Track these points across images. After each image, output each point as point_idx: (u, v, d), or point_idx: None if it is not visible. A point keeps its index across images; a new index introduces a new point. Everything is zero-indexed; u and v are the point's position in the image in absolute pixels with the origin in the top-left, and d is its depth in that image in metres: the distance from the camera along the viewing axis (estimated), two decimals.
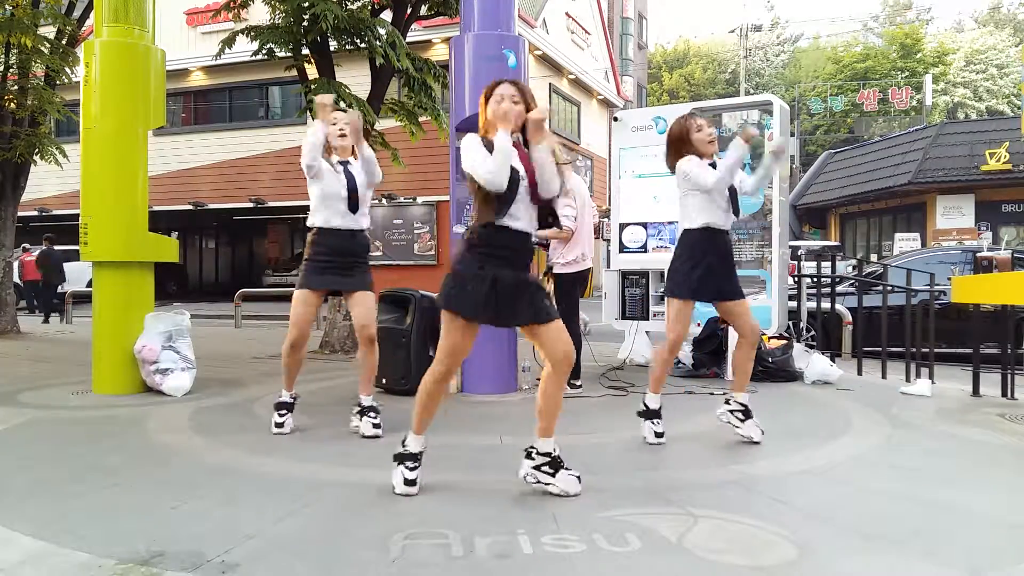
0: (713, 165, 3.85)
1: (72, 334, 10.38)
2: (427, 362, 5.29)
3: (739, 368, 4.00)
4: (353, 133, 4.11)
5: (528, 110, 2.95)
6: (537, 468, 3.05)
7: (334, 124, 4.05)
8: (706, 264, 3.82)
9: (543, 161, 2.97)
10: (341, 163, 4.07)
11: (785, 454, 3.69)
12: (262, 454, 3.66)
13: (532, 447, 3.09)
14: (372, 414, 4.06)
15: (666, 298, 3.99)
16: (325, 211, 4.01)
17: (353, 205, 4.02)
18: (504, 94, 2.95)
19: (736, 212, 3.96)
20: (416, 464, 3.05)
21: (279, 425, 4.13)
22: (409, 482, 3.01)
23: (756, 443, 3.82)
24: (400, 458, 3.06)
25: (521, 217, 2.98)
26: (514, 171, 2.90)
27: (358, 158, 4.15)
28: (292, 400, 4.20)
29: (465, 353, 3.08)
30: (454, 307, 2.94)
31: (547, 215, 3.15)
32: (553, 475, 3.02)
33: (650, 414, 3.90)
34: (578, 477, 3.05)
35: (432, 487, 3.15)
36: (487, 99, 3.01)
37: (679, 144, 3.92)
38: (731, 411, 3.96)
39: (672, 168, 3.99)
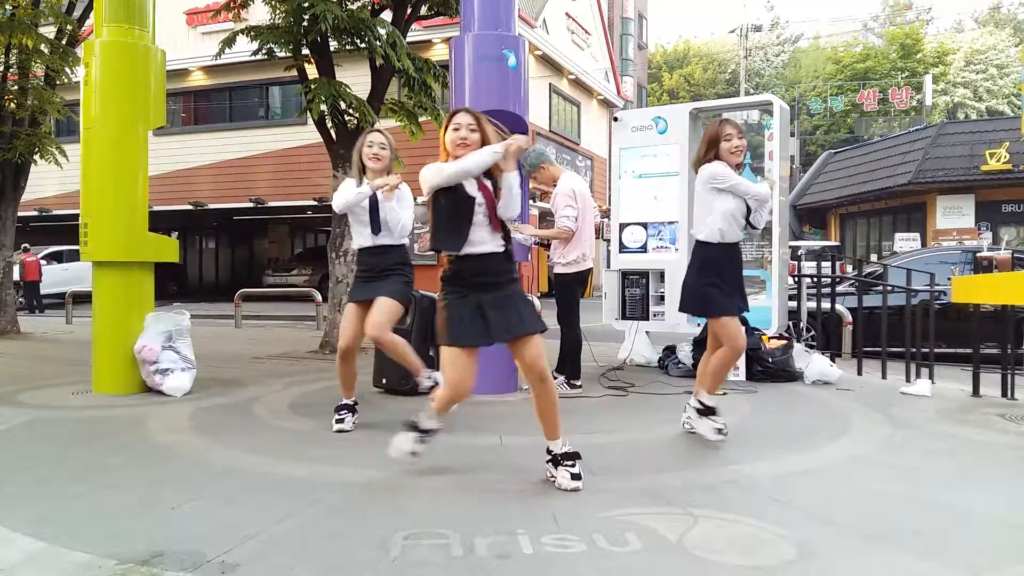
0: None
1: (72, 334, 10.38)
2: (427, 362, 5.33)
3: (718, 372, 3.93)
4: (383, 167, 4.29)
5: (484, 138, 3.08)
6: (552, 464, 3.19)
7: (370, 146, 4.17)
8: (730, 277, 3.90)
9: (512, 185, 3.07)
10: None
11: (785, 454, 3.69)
12: (262, 454, 3.66)
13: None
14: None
15: (715, 318, 3.92)
16: (356, 235, 4.30)
17: (376, 228, 4.18)
18: (461, 123, 3.09)
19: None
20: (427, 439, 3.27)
21: (339, 421, 4.22)
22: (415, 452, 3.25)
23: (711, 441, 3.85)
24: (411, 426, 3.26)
25: (485, 241, 3.08)
26: (468, 199, 3.03)
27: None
28: (352, 404, 4.30)
29: (472, 378, 3.13)
30: (457, 342, 3.05)
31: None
32: (556, 469, 3.15)
33: (709, 411, 3.91)
34: (575, 475, 3.08)
35: (432, 487, 3.15)
36: (446, 127, 3.14)
37: (710, 146, 3.85)
38: (696, 409, 3.99)
39: (696, 168, 3.93)
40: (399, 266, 4.32)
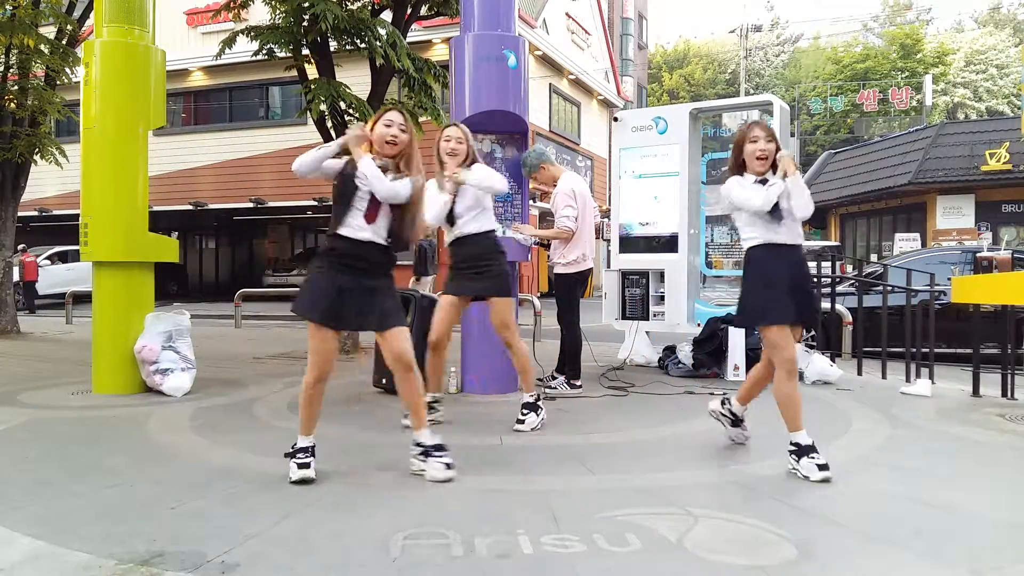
0: (764, 182, 3.45)
1: (72, 334, 10.38)
2: (422, 363, 5.33)
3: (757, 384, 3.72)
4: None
5: (411, 139, 3.30)
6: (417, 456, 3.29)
7: (447, 140, 4.13)
8: (780, 281, 3.44)
9: (369, 173, 3.19)
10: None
11: (785, 454, 3.68)
12: (262, 454, 3.66)
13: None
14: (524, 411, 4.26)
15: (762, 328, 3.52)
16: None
17: (451, 219, 4.16)
18: (393, 121, 3.27)
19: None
20: (308, 455, 3.24)
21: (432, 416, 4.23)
22: (302, 465, 3.20)
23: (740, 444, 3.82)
24: (291, 455, 3.26)
25: (364, 228, 3.19)
26: (351, 183, 3.18)
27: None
28: (433, 400, 4.27)
29: (329, 356, 3.24)
30: (299, 311, 3.22)
31: (400, 222, 3.27)
32: (424, 461, 3.25)
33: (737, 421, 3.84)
34: (448, 464, 3.23)
35: (432, 487, 3.15)
36: (376, 121, 3.29)
37: (736, 152, 3.56)
38: (722, 414, 3.91)
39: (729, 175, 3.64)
40: (497, 256, 4.32)
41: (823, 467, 3.23)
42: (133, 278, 5.47)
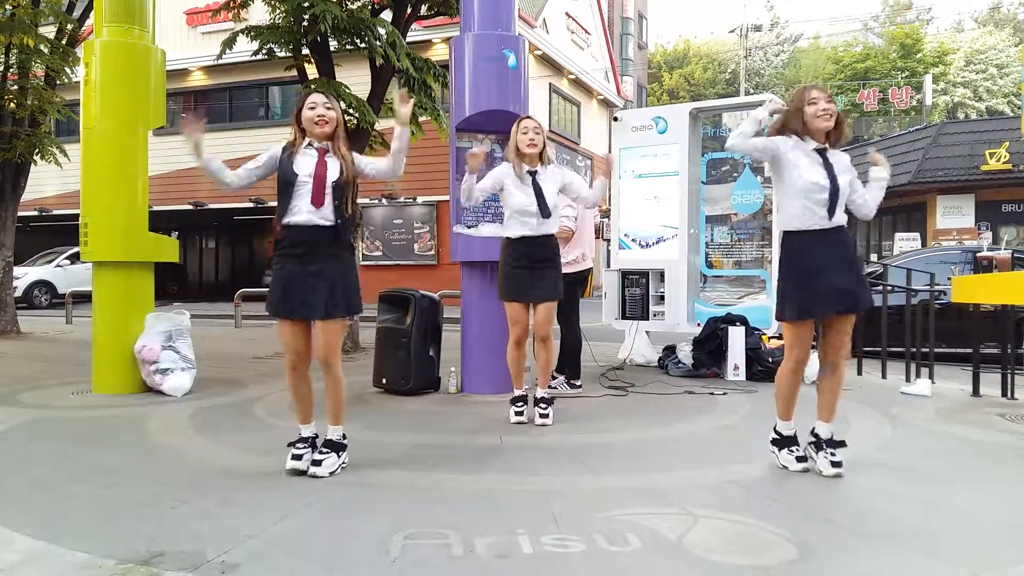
0: (823, 152, 3.28)
1: (72, 334, 10.38)
2: (427, 362, 5.35)
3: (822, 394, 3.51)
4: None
5: (337, 116, 3.37)
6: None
7: (525, 132, 4.32)
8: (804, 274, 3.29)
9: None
10: (530, 173, 4.33)
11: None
12: (262, 454, 3.66)
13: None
14: (543, 405, 4.40)
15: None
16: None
17: (545, 212, 4.32)
18: (317, 102, 3.34)
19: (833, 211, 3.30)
20: (303, 447, 3.37)
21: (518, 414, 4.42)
22: (294, 456, 3.33)
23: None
24: (292, 445, 3.38)
25: (302, 211, 3.26)
26: (289, 173, 3.28)
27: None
28: (523, 393, 4.47)
29: (293, 346, 3.34)
30: (271, 312, 3.35)
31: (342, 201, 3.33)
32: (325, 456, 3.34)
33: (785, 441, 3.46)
34: (342, 465, 3.35)
35: (432, 487, 3.15)
36: (299, 111, 3.37)
37: (792, 117, 3.34)
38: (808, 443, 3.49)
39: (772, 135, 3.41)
40: (555, 256, 4.51)
41: (802, 459, 3.33)
42: (133, 278, 5.47)
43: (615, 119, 7.17)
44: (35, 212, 21.19)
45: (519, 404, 4.43)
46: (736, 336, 5.99)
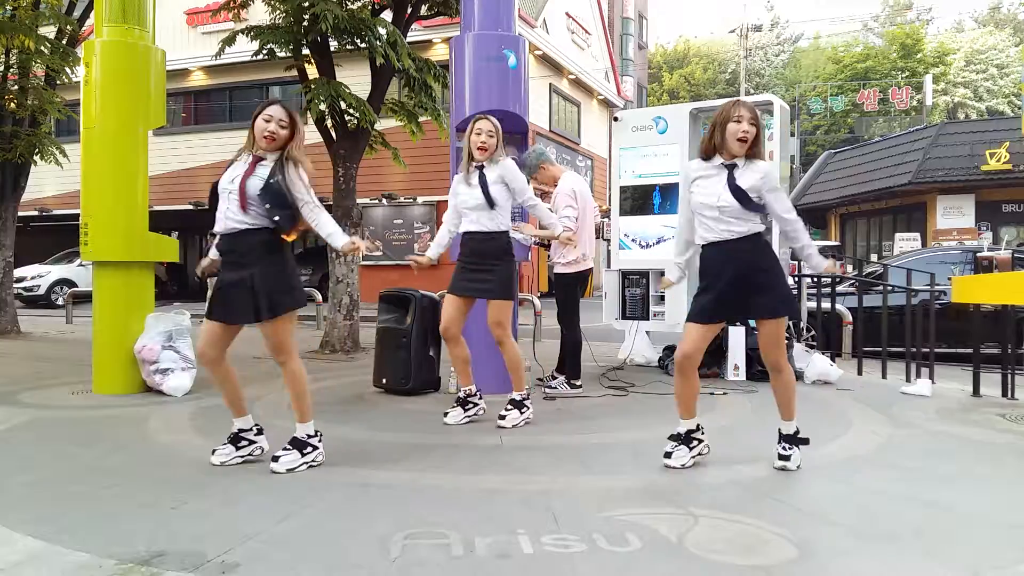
0: (731, 169, 3.27)
1: (72, 334, 10.38)
2: (428, 362, 5.35)
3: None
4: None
5: (294, 133, 3.38)
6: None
7: (478, 134, 4.26)
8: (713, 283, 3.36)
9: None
10: (477, 167, 4.31)
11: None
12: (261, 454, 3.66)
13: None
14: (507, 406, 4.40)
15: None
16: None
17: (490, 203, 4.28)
18: (272, 116, 3.34)
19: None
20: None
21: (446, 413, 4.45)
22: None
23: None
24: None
25: (230, 217, 3.31)
26: (215, 190, 3.36)
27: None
28: (469, 394, 4.46)
29: (207, 350, 3.37)
30: (208, 316, 3.41)
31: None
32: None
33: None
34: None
35: (433, 487, 3.15)
36: (256, 116, 3.38)
37: (714, 130, 3.33)
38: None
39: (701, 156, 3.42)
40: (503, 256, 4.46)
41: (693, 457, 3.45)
42: (133, 278, 5.47)
43: (615, 119, 7.17)
44: (35, 212, 21.19)
45: (459, 404, 4.41)
46: (736, 336, 5.98)
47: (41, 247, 19.97)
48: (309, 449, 3.44)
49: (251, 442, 3.55)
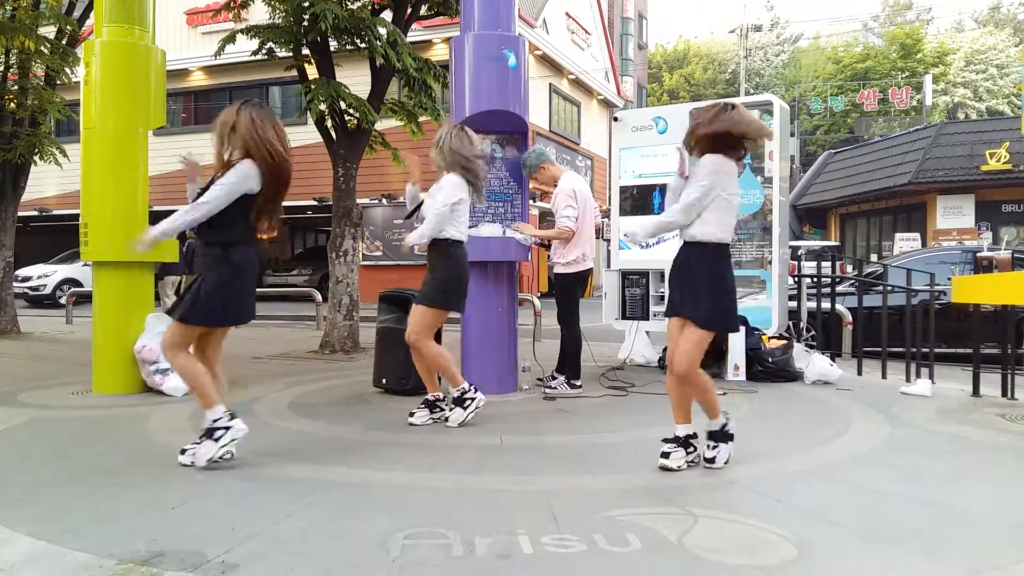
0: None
1: (72, 334, 10.38)
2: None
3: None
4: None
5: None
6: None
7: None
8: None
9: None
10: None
11: (785, 454, 3.69)
12: (262, 454, 3.66)
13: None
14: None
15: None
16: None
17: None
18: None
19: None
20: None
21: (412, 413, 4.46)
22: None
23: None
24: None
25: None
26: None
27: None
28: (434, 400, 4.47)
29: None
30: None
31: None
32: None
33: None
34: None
35: (432, 487, 3.15)
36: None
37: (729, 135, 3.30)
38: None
39: (700, 153, 3.39)
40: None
41: (692, 463, 3.40)
42: (133, 278, 5.47)
43: (615, 119, 7.17)
44: (35, 212, 21.19)
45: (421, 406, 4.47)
46: (736, 336, 5.98)
47: (41, 247, 19.98)
48: (220, 432, 3.44)
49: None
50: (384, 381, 5.42)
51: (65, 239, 18.09)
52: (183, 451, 3.46)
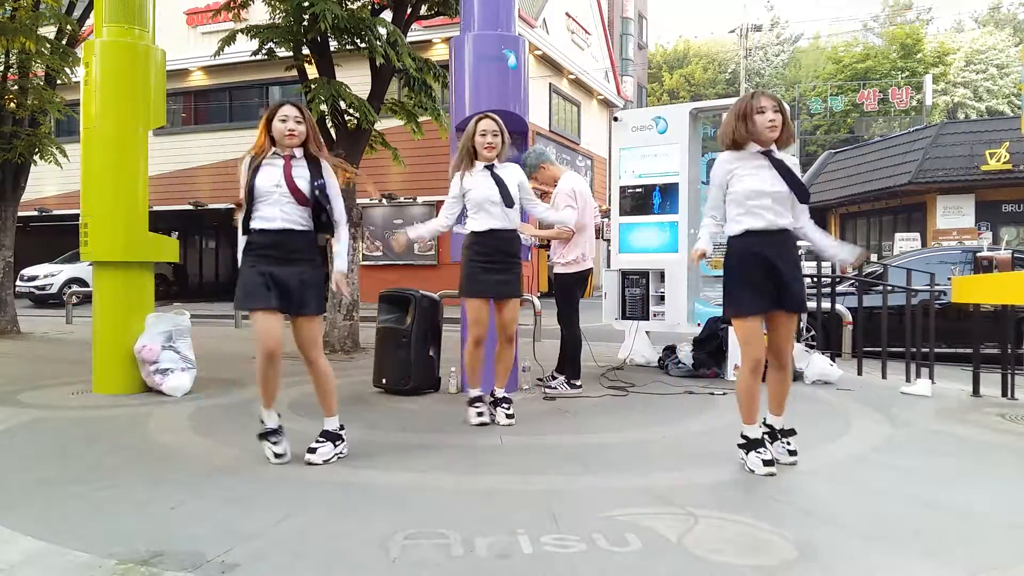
0: (769, 154, 3.32)
1: (72, 334, 10.37)
2: (427, 362, 5.35)
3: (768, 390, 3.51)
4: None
5: (309, 128, 3.46)
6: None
7: (483, 135, 4.23)
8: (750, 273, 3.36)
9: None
10: (487, 167, 4.29)
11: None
12: (262, 454, 3.66)
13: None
14: (505, 405, 4.39)
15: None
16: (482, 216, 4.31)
17: (509, 201, 4.25)
18: (288, 115, 3.42)
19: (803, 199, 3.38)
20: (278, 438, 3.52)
21: (478, 414, 4.37)
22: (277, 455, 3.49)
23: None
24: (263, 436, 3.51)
25: (276, 217, 3.39)
26: (250, 187, 3.40)
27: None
28: (482, 394, 4.43)
29: (276, 337, 3.37)
30: (244, 306, 3.44)
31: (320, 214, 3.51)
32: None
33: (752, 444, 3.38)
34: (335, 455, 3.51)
35: (432, 487, 3.15)
36: (269, 120, 3.44)
37: (736, 121, 3.35)
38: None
39: (727, 147, 3.44)
40: (518, 255, 4.47)
41: (768, 463, 3.28)
42: (133, 278, 5.47)
43: (615, 119, 7.16)
44: (35, 212, 21.19)
45: (477, 404, 4.38)
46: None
47: (41, 247, 19.96)
48: (340, 441, 3.55)
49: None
50: (384, 381, 5.42)
51: (65, 239, 18.10)
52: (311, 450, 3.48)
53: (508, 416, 4.34)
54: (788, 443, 3.49)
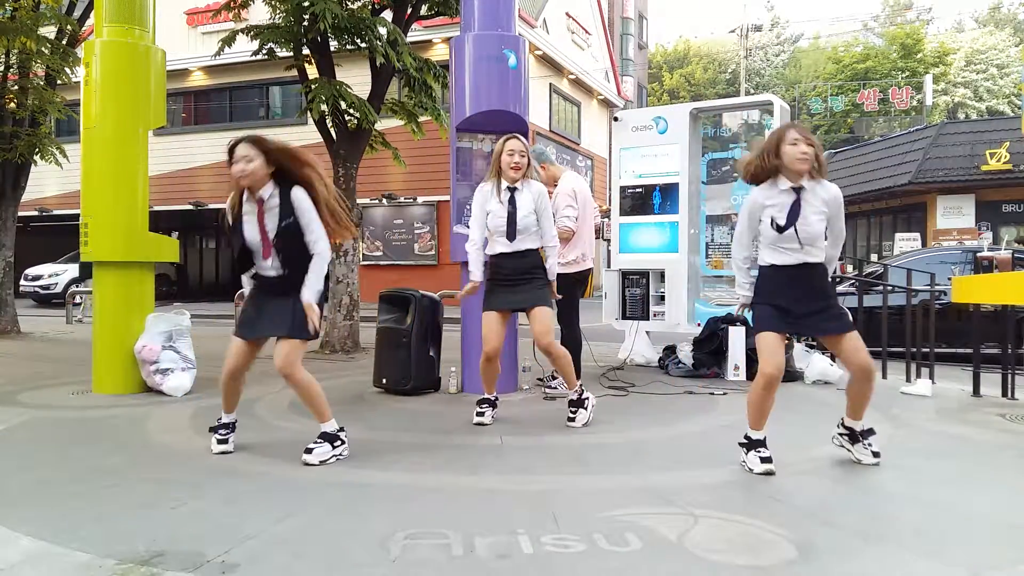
0: (798, 191, 3.33)
1: (72, 334, 10.38)
2: (427, 362, 5.35)
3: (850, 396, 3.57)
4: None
5: (269, 157, 3.47)
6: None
7: (511, 154, 4.28)
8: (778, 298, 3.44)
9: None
10: (509, 189, 4.31)
11: (785, 454, 3.68)
12: (262, 454, 3.67)
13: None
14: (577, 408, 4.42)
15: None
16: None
17: (511, 234, 4.30)
18: (238, 156, 3.44)
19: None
20: (228, 432, 3.75)
21: (479, 414, 4.38)
22: (220, 440, 3.73)
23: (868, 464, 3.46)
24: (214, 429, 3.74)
25: (269, 268, 3.56)
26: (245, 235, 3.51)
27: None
28: (495, 399, 4.48)
29: (239, 365, 3.77)
30: (238, 334, 3.71)
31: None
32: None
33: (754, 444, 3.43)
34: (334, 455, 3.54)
35: (432, 487, 3.15)
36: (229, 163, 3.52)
37: (769, 154, 3.36)
38: (839, 434, 3.62)
39: (747, 180, 3.53)
40: (537, 270, 4.46)
41: (766, 460, 3.31)
42: (133, 278, 5.47)
43: (615, 119, 7.17)
44: (35, 212, 21.19)
45: (483, 406, 4.41)
46: (736, 336, 5.98)
47: (41, 247, 19.95)
48: (339, 443, 3.56)
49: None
50: (384, 381, 5.42)
51: (65, 239, 18.11)
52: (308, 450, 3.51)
53: (570, 419, 4.35)
54: (870, 444, 3.48)
